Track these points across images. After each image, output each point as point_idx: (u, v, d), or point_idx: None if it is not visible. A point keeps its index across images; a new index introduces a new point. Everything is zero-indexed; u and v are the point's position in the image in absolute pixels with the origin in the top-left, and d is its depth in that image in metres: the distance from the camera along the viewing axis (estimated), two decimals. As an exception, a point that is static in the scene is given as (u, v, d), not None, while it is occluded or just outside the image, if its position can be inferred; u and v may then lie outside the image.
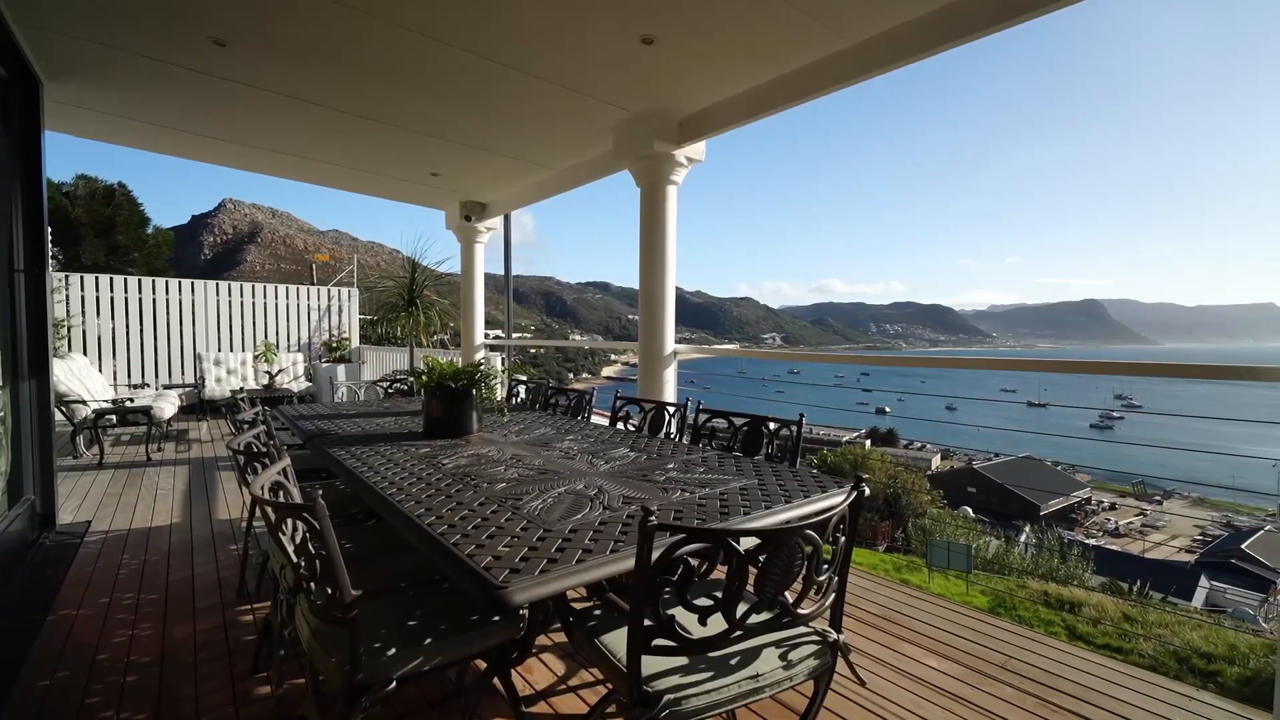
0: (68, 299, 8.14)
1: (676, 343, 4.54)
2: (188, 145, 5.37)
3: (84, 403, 5.86)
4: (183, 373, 8.93)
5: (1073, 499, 30.42)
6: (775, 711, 2.10)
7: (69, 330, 8.09)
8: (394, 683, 1.45)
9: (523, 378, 5.28)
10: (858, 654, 2.51)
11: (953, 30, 2.76)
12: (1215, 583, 16.95)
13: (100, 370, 8.09)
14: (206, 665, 2.39)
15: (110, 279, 8.53)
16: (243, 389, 7.71)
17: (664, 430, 3.26)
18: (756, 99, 3.70)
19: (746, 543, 1.31)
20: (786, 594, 1.41)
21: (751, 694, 1.43)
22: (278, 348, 9.28)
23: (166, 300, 8.90)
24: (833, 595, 1.56)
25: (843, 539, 1.51)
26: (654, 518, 1.24)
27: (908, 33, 2.92)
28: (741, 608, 1.34)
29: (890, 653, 2.54)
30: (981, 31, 2.70)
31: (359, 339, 10.47)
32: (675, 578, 1.33)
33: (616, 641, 1.51)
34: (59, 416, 5.65)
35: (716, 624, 1.34)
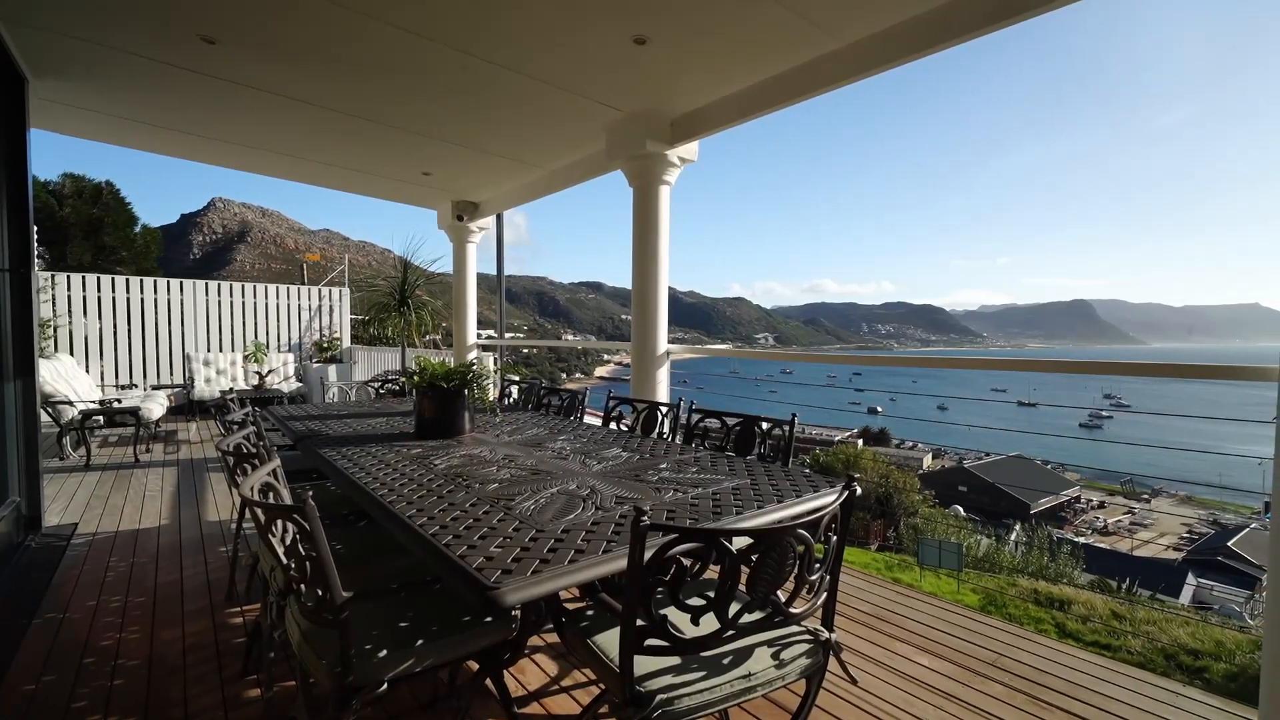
0: (54, 299, 8.05)
1: (669, 343, 4.54)
2: (176, 144, 5.32)
3: (70, 403, 5.80)
4: (171, 373, 8.86)
5: (1062, 497, 30.68)
6: (768, 710, 2.11)
7: (55, 330, 8.00)
8: (385, 684, 1.44)
9: (515, 378, 5.28)
10: (849, 653, 2.52)
11: (943, 32, 2.78)
12: (1202, 580, 17.14)
13: (87, 371, 8.01)
14: (196, 668, 2.38)
15: (97, 278, 8.44)
16: (232, 389, 7.66)
17: (657, 430, 3.26)
18: (749, 99, 3.71)
19: (739, 542, 1.31)
20: (779, 593, 1.42)
21: (744, 693, 1.44)
22: (268, 348, 9.23)
23: (155, 300, 8.82)
24: (824, 594, 1.57)
25: (834, 538, 1.51)
26: (646, 518, 1.24)
27: (899, 34, 2.94)
28: (734, 607, 1.34)
29: (882, 651, 2.56)
30: (972, 34, 2.72)
31: (350, 339, 10.42)
32: (668, 578, 1.33)
33: (609, 642, 1.51)
34: (45, 418, 5.60)
35: (709, 623, 1.34)
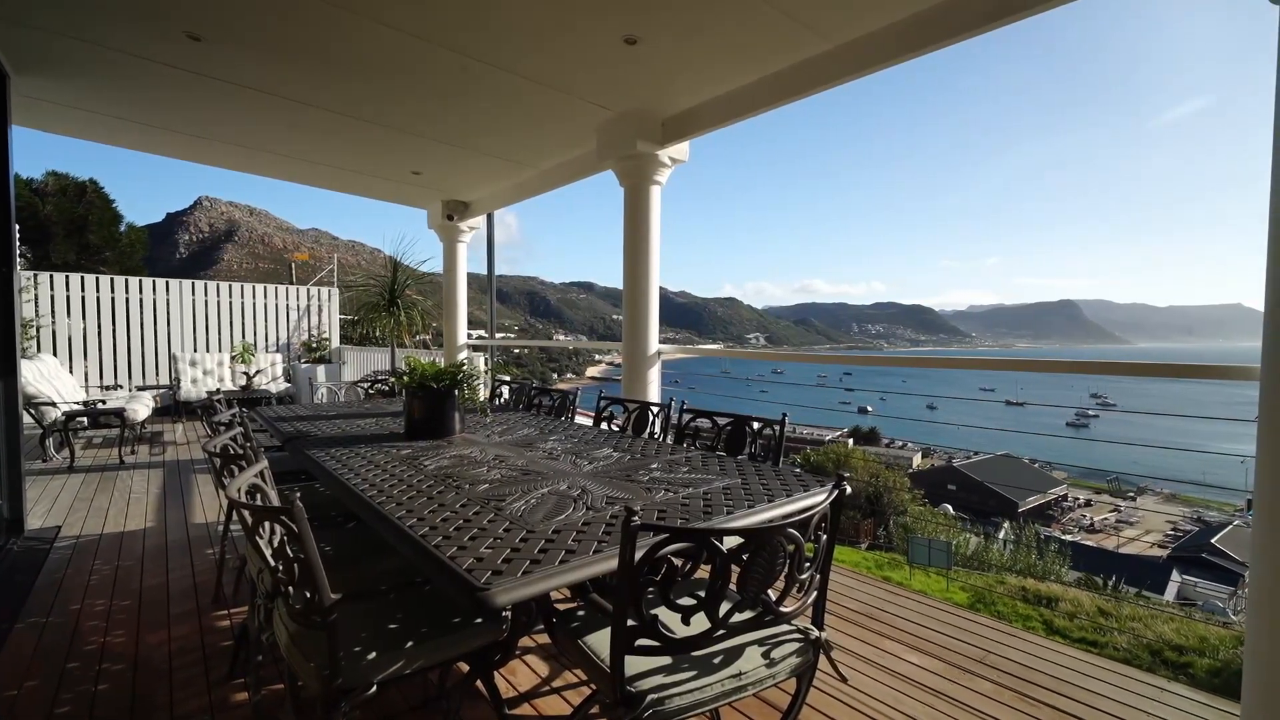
0: (36, 299, 7.94)
1: (661, 343, 4.54)
2: (162, 142, 5.26)
3: (54, 405, 5.72)
4: (157, 374, 8.76)
5: (1049, 496, 30.98)
6: (758, 709, 2.12)
7: (38, 331, 7.89)
8: (374, 687, 1.43)
9: (506, 378, 5.26)
10: (839, 651, 2.53)
11: (933, 34, 2.80)
12: (1186, 577, 17.36)
13: (71, 371, 7.90)
14: (182, 671, 2.35)
15: (81, 278, 8.33)
16: (219, 390, 7.57)
17: (648, 430, 3.26)
18: (739, 100, 3.72)
19: (729, 542, 1.31)
20: (769, 592, 1.42)
21: (735, 692, 1.44)
22: (256, 348, 9.14)
23: (140, 300, 8.71)
24: (814, 593, 1.57)
25: (824, 537, 1.52)
26: (637, 518, 1.24)
27: (888, 35, 2.96)
28: (724, 607, 1.34)
29: (872, 649, 2.57)
30: (960, 36, 2.74)
31: (339, 339, 10.35)
32: (659, 577, 1.33)
33: (600, 642, 1.51)
34: (27, 419, 5.52)
35: (700, 623, 1.34)
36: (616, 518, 1.66)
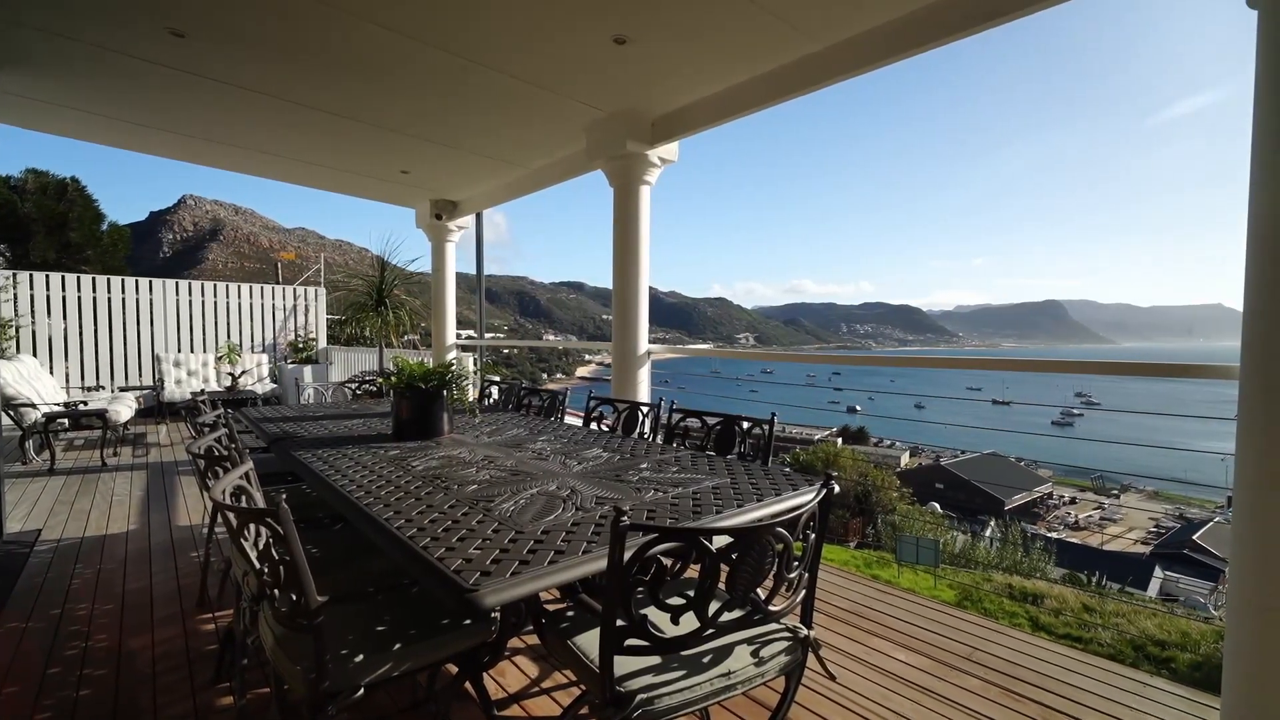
0: (15, 298, 7.80)
1: (650, 343, 4.54)
2: (145, 139, 5.19)
3: (34, 406, 5.62)
4: (140, 375, 8.64)
5: (1035, 494, 31.34)
6: (748, 708, 2.12)
7: (17, 331, 7.75)
8: (361, 690, 1.42)
9: (495, 378, 5.24)
10: (828, 649, 2.54)
11: (920, 36, 2.82)
12: (1169, 573, 17.62)
13: (51, 372, 7.78)
14: (166, 676, 2.32)
15: (62, 277, 8.20)
16: (204, 391, 7.48)
17: (638, 430, 3.26)
18: (729, 100, 3.73)
19: (718, 541, 1.32)
20: (758, 591, 1.43)
21: (724, 691, 1.44)
22: (241, 348, 9.04)
23: (123, 300, 8.59)
24: (803, 592, 1.58)
25: (813, 536, 1.52)
26: (626, 518, 1.24)
27: (876, 37, 2.98)
28: (713, 606, 1.34)
29: (860, 647, 2.59)
30: (947, 38, 2.76)
31: (326, 339, 10.26)
32: (648, 577, 1.33)
33: (589, 642, 1.50)
34: (6, 420, 5.43)
35: (689, 622, 1.34)
36: (606, 518, 1.66)
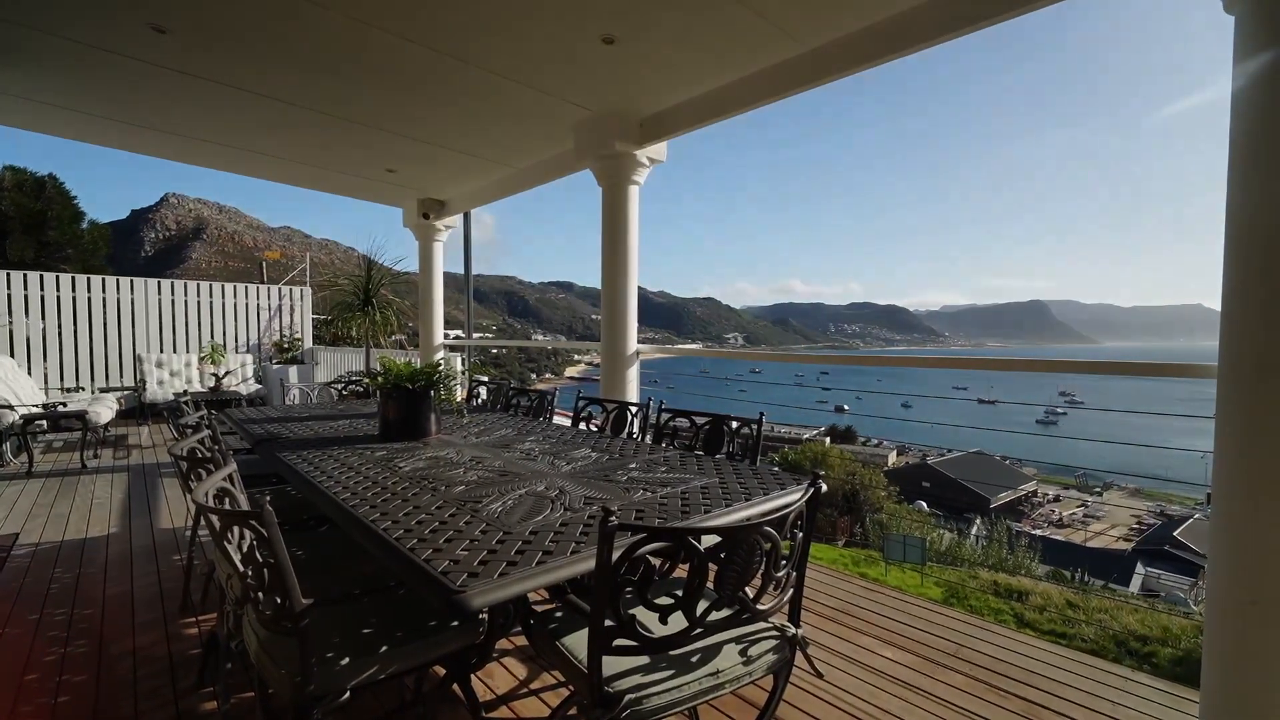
0: (-8, 298, 7.66)
1: (639, 343, 4.54)
2: (126, 136, 5.10)
3: (10, 408, 5.52)
4: (121, 375, 8.50)
5: (1020, 492, 31.70)
6: (736, 707, 2.13)
7: (-6, 331, 7.60)
8: (347, 693, 1.40)
9: (484, 378, 5.21)
10: (816, 647, 2.56)
11: (906, 38, 2.84)
12: (1150, 569, 17.89)
13: (30, 373, 7.63)
14: (147, 681, 2.28)
15: (40, 276, 8.05)
16: (187, 392, 7.38)
17: (626, 430, 3.25)
18: (717, 100, 3.73)
19: (707, 541, 1.32)
20: (746, 590, 1.43)
21: (712, 690, 1.44)
22: (225, 349, 8.92)
23: (104, 299, 8.45)
24: (791, 590, 1.58)
25: (800, 535, 1.53)
26: (614, 518, 1.24)
27: (862, 40, 2.99)
28: (702, 605, 1.34)
29: (847, 645, 2.60)
30: (932, 40, 2.78)
31: (312, 339, 10.16)
32: (636, 577, 1.33)
33: (578, 643, 1.50)
34: (-17, 423, 5.32)
35: (677, 622, 1.34)
36: (594, 518, 1.66)
